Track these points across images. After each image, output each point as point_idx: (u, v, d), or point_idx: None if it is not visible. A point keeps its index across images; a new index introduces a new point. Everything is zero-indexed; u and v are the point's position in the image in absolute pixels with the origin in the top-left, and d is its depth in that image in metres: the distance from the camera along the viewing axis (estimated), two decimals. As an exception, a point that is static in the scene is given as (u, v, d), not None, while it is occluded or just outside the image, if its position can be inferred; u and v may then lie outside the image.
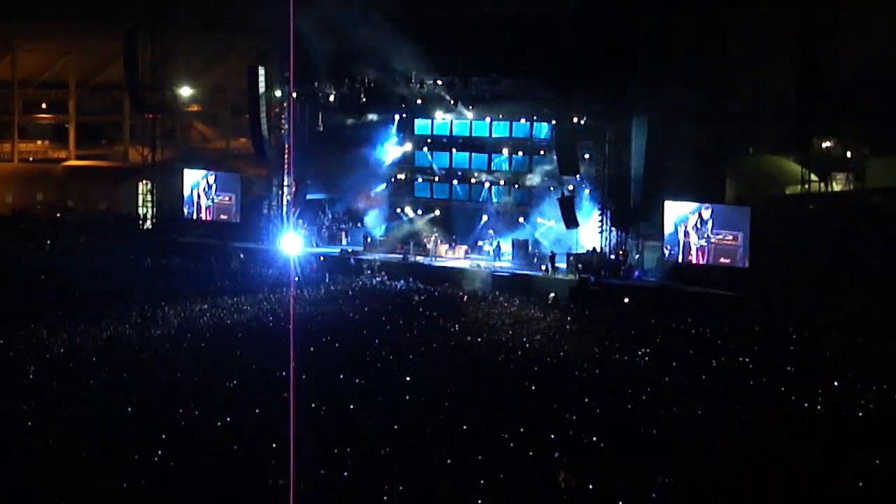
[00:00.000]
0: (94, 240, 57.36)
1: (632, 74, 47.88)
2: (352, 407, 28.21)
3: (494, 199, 54.83)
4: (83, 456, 24.25)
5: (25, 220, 64.16)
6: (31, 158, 77.47)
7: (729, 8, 48.60)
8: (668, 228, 47.33)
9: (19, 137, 76.14)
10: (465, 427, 26.61)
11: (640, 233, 48.92)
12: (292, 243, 55.03)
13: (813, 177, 51.11)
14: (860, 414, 28.74)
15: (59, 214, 65.83)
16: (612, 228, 48.69)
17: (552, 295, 45.81)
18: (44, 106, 79.75)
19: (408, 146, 57.54)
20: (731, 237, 45.59)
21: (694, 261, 46.78)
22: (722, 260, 45.96)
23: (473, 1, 52.59)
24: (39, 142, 79.83)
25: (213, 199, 58.67)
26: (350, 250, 54.75)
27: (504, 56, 50.17)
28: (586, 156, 50.26)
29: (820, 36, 45.05)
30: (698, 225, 46.53)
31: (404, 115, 56.57)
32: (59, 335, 35.58)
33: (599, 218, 49.06)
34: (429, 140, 56.82)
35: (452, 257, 52.68)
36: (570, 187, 50.80)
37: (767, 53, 49.90)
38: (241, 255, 53.86)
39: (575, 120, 49.76)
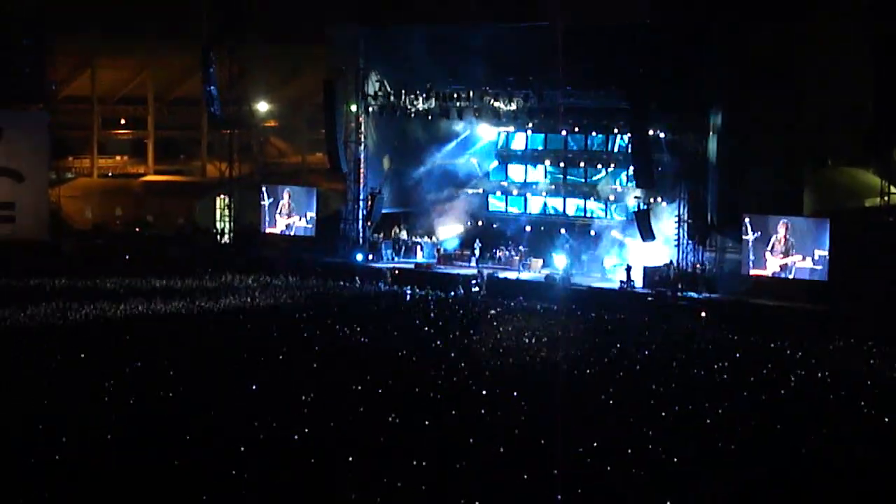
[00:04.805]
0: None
1: (708, 87, 47.64)
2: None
3: (570, 213, 54.82)
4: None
5: (104, 235, 64.91)
6: (110, 174, 78.35)
7: (804, 19, 48.14)
8: (746, 241, 46.93)
9: (98, 153, 77.01)
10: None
11: (718, 246, 48.60)
12: (368, 257, 55.50)
13: (893, 188, 50.41)
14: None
15: (137, 229, 66.54)
16: (689, 241, 48.39)
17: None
18: (122, 121, 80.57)
19: (482, 160, 57.68)
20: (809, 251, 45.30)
21: (772, 275, 46.36)
22: (801, 274, 45.53)
23: (548, 13, 52.38)
24: (118, 157, 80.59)
25: (289, 213, 58.93)
26: (425, 264, 54.94)
27: (579, 68, 49.82)
28: (659, 168, 49.95)
29: (896, 45, 44.47)
30: (777, 238, 46.13)
31: (478, 129, 56.64)
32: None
33: (676, 231, 48.75)
34: (503, 154, 56.95)
35: (528, 270, 52.66)
36: (650, 200, 50.53)
37: (844, 64, 49.31)
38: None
39: (651, 132, 49.56)
